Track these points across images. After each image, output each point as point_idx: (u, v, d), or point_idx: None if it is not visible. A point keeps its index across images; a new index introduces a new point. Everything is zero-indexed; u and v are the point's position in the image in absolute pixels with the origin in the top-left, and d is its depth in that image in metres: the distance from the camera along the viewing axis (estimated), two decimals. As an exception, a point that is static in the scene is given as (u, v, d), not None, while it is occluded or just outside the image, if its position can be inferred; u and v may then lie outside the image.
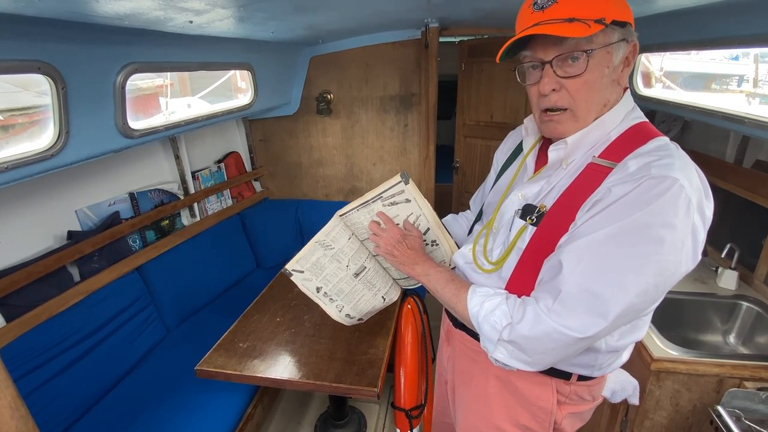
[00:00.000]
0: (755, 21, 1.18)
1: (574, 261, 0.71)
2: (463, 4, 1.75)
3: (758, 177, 1.69)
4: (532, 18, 0.74)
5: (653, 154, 0.72)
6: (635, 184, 0.68)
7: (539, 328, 0.73)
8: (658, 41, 1.68)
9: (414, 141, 2.90)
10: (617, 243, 0.69)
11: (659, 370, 1.30)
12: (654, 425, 1.38)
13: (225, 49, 1.93)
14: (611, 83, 0.77)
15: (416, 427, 1.68)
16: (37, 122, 1.39)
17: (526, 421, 0.97)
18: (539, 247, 0.81)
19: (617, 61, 0.76)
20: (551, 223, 0.80)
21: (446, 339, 1.16)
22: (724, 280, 1.68)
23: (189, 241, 2.44)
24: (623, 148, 0.76)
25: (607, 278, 0.69)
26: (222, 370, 1.54)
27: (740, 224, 1.82)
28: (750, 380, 1.26)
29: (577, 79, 0.74)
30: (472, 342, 1.00)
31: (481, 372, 1.01)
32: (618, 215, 0.69)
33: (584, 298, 0.70)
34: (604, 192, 0.72)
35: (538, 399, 0.94)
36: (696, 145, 2.18)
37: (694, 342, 1.67)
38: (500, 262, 0.89)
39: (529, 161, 0.94)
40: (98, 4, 1.01)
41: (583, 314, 0.70)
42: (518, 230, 0.85)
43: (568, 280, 0.71)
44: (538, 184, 0.87)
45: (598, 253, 0.70)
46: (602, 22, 0.69)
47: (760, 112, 1.31)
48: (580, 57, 0.73)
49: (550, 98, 0.78)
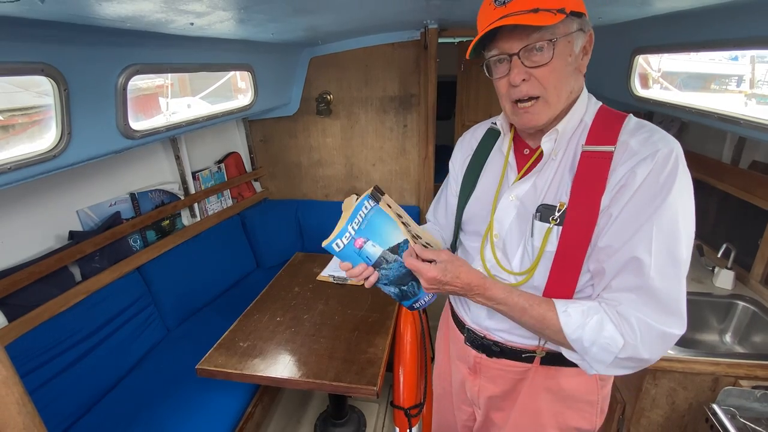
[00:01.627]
0: (750, 24, 1.19)
1: (647, 253, 0.72)
2: (462, 5, 1.76)
3: (754, 177, 1.71)
4: (495, 13, 0.77)
5: (644, 131, 0.78)
6: (652, 160, 0.73)
7: (650, 337, 0.73)
8: (655, 43, 1.70)
9: (413, 141, 2.91)
10: (672, 223, 0.72)
11: (655, 368, 1.31)
12: (651, 423, 1.40)
13: (225, 51, 1.94)
14: (574, 71, 0.81)
15: (415, 426, 1.70)
16: (37, 122, 1.40)
17: (575, 423, 0.98)
18: (571, 247, 0.80)
19: (577, 50, 0.79)
20: (576, 219, 0.79)
21: (472, 372, 1.07)
22: (721, 280, 1.70)
23: (189, 241, 2.45)
24: (607, 130, 0.80)
25: (680, 260, 0.73)
26: (222, 369, 1.55)
27: (737, 224, 1.84)
28: (745, 379, 1.28)
29: (545, 68, 0.77)
30: (516, 365, 0.97)
31: (529, 390, 0.98)
32: (656, 194, 0.72)
33: (671, 293, 0.72)
34: (627, 175, 0.74)
35: (586, 393, 0.96)
36: (693, 145, 2.19)
37: (691, 341, 1.68)
38: (531, 270, 0.86)
39: (512, 161, 0.94)
40: (101, 7, 1.02)
41: (675, 311, 0.73)
42: (544, 234, 0.83)
43: (654, 276, 0.72)
44: (528, 182, 0.88)
45: (665, 241, 0.72)
46: (563, 12, 0.72)
47: (756, 113, 1.32)
48: (545, 46, 0.75)
49: (521, 89, 0.80)
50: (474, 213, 0.99)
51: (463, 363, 1.09)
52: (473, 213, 1.00)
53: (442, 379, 1.25)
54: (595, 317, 0.76)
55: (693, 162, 2.08)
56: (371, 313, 1.87)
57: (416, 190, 3.04)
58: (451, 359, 1.18)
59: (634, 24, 1.75)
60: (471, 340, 1.03)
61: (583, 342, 0.77)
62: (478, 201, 0.99)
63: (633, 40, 1.83)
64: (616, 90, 2.13)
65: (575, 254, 0.80)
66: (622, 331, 0.74)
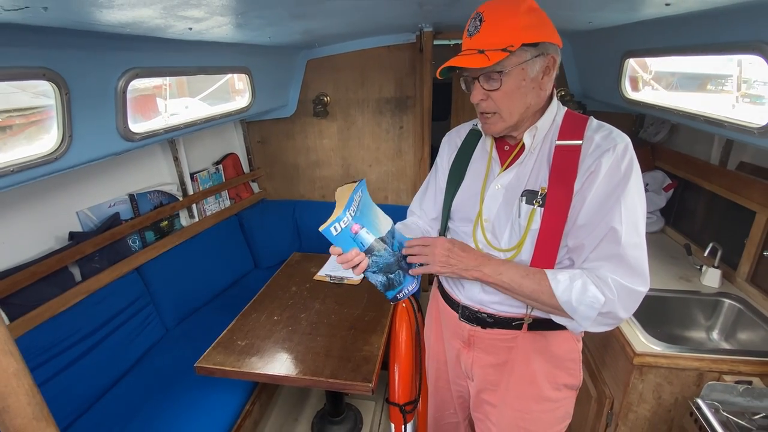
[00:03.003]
0: (733, 29, 1.23)
1: (620, 224, 0.88)
2: (455, 10, 1.79)
3: (741, 179, 1.75)
4: (465, 42, 0.95)
5: (604, 129, 0.96)
6: (613, 151, 0.90)
7: (624, 294, 0.88)
8: (644, 47, 1.73)
9: (409, 143, 2.95)
10: (633, 201, 0.89)
11: (642, 364, 1.35)
12: (638, 418, 1.44)
13: (223, 54, 1.97)
14: (532, 90, 0.95)
15: (410, 422, 1.73)
16: (35, 123, 1.43)
17: (564, 380, 1.11)
18: (552, 224, 0.95)
19: (534, 74, 0.93)
20: (555, 201, 0.95)
21: (466, 346, 1.17)
22: (708, 278, 1.74)
23: (188, 241, 2.48)
24: (574, 129, 0.97)
25: (641, 231, 0.89)
26: (221, 367, 1.58)
27: (723, 224, 1.88)
28: (728, 374, 1.32)
29: (497, 92, 0.93)
30: (506, 332, 1.10)
31: (522, 355, 1.10)
32: (620, 177, 0.89)
33: (638, 258, 0.88)
34: (595, 164, 0.91)
35: (570, 352, 1.10)
36: (683, 146, 2.23)
37: (679, 338, 1.72)
38: (519, 246, 1.00)
39: (495, 156, 1.08)
40: (102, 13, 1.05)
41: (641, 273, 0.89)
42: (529, 214, 0.98)
43: (624, 245, 0.88)
44: (512, 173, 1.03)
45: (630, 216, 0.88)
46: (507, 51, 0.87)
47: (739, 115, 1.36)
48: (494, 77, 0.91)
49: (481, 105, 0.97)
50: (463, 202, 1.12)
51: (458, 339, 1.20)
52: (462, 202, 1.12)
53: (436, 361, 1.35)
54: (579, 281, 0.91)
55: (682, 163, 2.16)
56: (367, 312, 1.91)
57: (412, 190, 3.07)
58: (445, 339, 1.28)
59: (623, 28, 1.78)
60: (466, 315, 1.14)
61: (572, 302, 0.90)
62: (467, 191, 1.12)
63: (623, 44, 1.87)
64: (607, 93, 2.17)
65: (555, 230, 0.95)
66: (602, 290, 0.89)
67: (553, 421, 1.15)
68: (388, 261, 0.99)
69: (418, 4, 1.63)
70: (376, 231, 0.97)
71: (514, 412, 1.14)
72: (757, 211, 1.62)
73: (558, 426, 1.16)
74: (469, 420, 1.38)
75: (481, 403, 1.22)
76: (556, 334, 1.08)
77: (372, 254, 0.96)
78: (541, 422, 1.14)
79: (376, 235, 0.96)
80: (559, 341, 1.08)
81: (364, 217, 0.96)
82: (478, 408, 1.24)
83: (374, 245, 0.96)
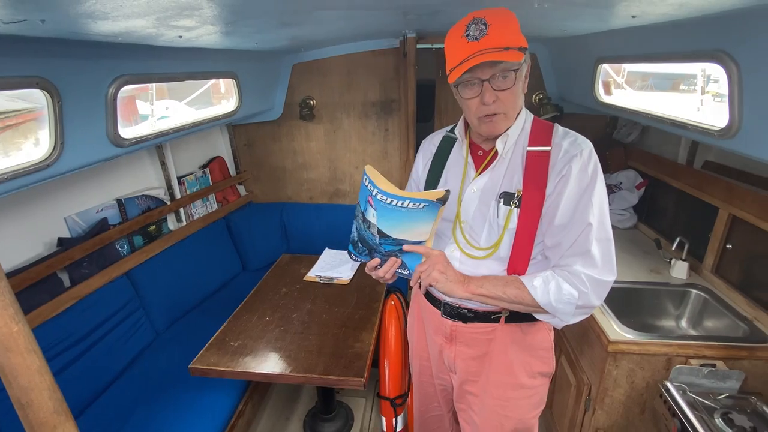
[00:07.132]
0: (694, 39, 1.33)
1: (593, 217, 0.97)
2: (437, 19, 1.87)
3: (705, 177, 1.87)
4: (469, 47, 0.94)
5: (569, 135, 1.05)
6: (580, 156, 0.99)
7: (596, 285, 0.97)
8: (616, 54, 1.84)
9: (395, 145, 3.02)
10: (600, 201, 0.99)
11: (615, 351, 1.45)
12: (613, 402, 1.53)
13: (210, 59, 2.00)
14: (521, 92, 1.04)
15: (400, 415, 1.79)
16: (9, 127, 1.43)
17: (538, 368, 1.20)
18: (527, 224, 1.04)
19: (524, 76, 1.02)
20: (529, 202, 1.03)
21: (448, 340, 1.25)
22: (676, 270, 1.86)
23: (176, 245, 2.49)
24: (543, 136, 1.06)
25: (608, 227, 1.00)
26: (215, 368, 1.61)
27: (690, 220, 2.01)
28: (694, 358, 1.42)
29: (508, 91, 0.99)
30: (486, 326, 1.17)
31: (500, 346, 1.18)
32: (588, 179, 0.99)
33: (606, 252, 0.98)
34: (565, 168, 1.00)
35: (543, 341, 1.20)
36: (653, 147, 2.36)
37: (651, 326, 1.83)
38: (497, 245, 1.08)
39: (470, 161, 1.16)
40: (97, 24, 1.08)
41: (609, 265, 0.98)
42: (506, 214, 1.05)
43: (593, 241, 0.97)
44: (486, 177, 1.11)
45: (598, 214, 0.98)
46: (522, 50, 0.95)
47: (703, 118, 1.46)
48: (509, 75, 0.97)
49: (490, 107, 1.00)
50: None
51: (440, 335, 1.27)
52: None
53: (419, 357, 1.42)
54: (553, 282, 1.00)
55: (652, 162, 2.29)
56: (357, 310, 1.96)
57: (398, 191, 3.13)
58: (427, 336, 1.35)
59: (596, 36, 1.89)
60: (448, 312, 1.21)
61: (552, 303, 0.99)
62: None
63: (596, 51, 1.98)
64: (582, 96, 2.28)
65: (530, 229, 1.04)
66: (575, 286, 0.98)
67: (529, 407, 1.24)
68: (364, 234, 1.10)
69: (402, 13, 1.69)
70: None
71: (494, 400, 1.22)
72: (720, 207, 1.75)
73: (534, 411, 1.25)
74: (452, 412, 1.45)
75: (464, 394, 1.29)
76: (531, 325, 1.17)
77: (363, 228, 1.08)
78: (518, 408, 1.22)
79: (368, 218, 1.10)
80: (533, 331, 1.18)
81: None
82: (461, 399, 1.31)
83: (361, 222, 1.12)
